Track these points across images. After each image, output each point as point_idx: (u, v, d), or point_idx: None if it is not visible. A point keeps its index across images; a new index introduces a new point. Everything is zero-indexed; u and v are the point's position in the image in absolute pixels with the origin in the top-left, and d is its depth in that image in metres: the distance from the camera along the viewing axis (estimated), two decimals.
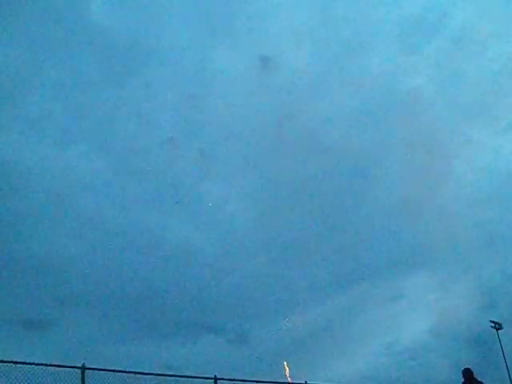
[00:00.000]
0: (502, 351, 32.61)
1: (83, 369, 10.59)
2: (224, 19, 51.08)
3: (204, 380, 12.62)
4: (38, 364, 10.03)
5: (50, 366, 10.19)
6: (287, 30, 51.07)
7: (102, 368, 10.96)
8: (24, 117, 47.06)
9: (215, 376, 12.65)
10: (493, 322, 33.41)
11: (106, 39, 48.19)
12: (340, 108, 51.02)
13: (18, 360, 9.85)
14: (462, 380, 11.88)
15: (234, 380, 13.36)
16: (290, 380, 14.69)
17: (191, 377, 12.38)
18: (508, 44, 52.23)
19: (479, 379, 11.81)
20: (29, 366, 9.94)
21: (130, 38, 48.82)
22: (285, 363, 15.17)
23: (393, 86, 51.54)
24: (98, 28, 47.67)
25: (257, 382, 14.04)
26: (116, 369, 11.08)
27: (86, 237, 47.10)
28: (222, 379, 12.82)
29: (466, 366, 11.97)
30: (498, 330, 33.19)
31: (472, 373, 11.78)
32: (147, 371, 11.78)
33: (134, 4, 50.14)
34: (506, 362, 32.06)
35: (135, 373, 11.42)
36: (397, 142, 52.50)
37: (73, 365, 10.63)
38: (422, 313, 47.78)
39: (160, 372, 12.07)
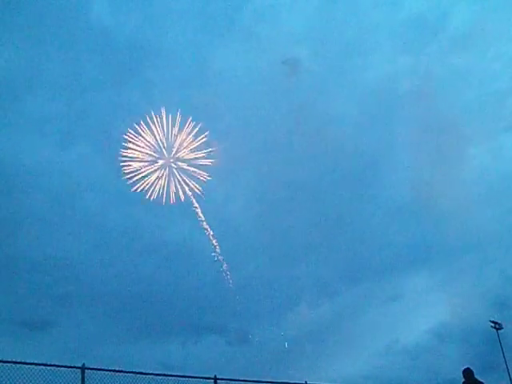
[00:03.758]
0: (502, 351, 32.58)
1: (83, 369, 10.60)
2: (223, 18, 51.15)
3: (204, 380, 12.63)
4: (38, 364, 10.04)
5: (50, 365, 10.20)
6: (288, 30, 51.10)
7: (102, 368, 10.97)
8: (25, 117, 47.17)
9: (215, 376, 12.65)
10: (493, 321, 33.38)
11: (106, 40, 48.30)
12: (341, 108, 51.08)
13: (18, 360, 9.87)
14: (463, 380, 11.91)
15: (234, 380, 13.36)
16: None
17: (191, 377, 12.38)
18: (508, 44, 52.33)
19: (479, 379, 11.84)
20: (29, 365, 9.95)
21: (130, 38, 48.92)
22: None
23: (393, 86, 51.59)
24: (98, 28, 47.77)
25: (257, 381, 14.03)
26: (116, 369, 11.10)
27: (86, 237, 47.19)
28: (222, 379, 12.82)
29: (466, 366, 12.00)
30: (498, 330, 33.15)
31: (472, 372, 11.80)
32: (147, 371, 11.80)
33: (134, 4, 50.22)
34: (505, 362, 32.04)
35: (135, 373, 11.43)
36: (399, 144, 52.64)
37: (73, 365, 10.64)
38: (422, 313, 47.86)
39: (160, 372, 12.08)
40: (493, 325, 33.24)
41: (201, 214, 37.78)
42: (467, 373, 11.79)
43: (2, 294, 38.70)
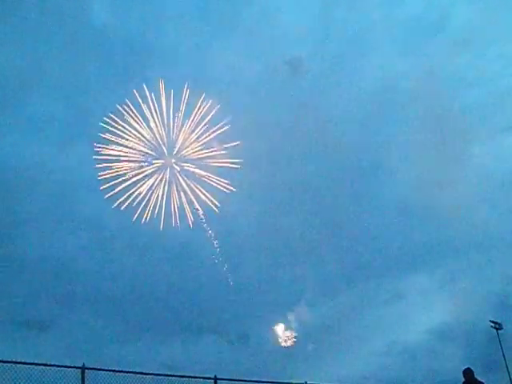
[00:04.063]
0: (502, 351, 32.57)
1: (83, 369, 10.61)
2: (225, 18, 51.08)
3: (204, 380, 12.64)
4: (38, 364, 10.05)
5: (50, 365, 10.20)
6: (289, 30, 51.05)
7: (102, 368, 10.98)
8: (25, 117, 47.14)
9: (215, 376, 12.65)
10: (493, 322, 33.37)
11: (106, 39, 48.25)
12: (341, 108, 51.04)
13: (18, 360, 9.87)
14: (463, 380, 11.92)
15: (234, 380, 13.37)
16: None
17: (191, 377, 12.39)
18: (508, 44, 52.24)
19: (479, 379, 11.85)
20: (29, 365, 9.95)
21: (130, 38, 48.87)
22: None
23: (393, 86, 51.53)
24: (98, 28, 47.75)
25: (257, 382, 14.04)
26: (116, 369, 11.11)
27: (86, 237, 47.16)
28: (222, 379, 12.83)
29: (467, 366, 12.01)
30: (498, 330, 33.14)
31: (472, 373, 11.82)
32: (147, 371, 11.81)
33: (134, 4, 50.17)
34: (505, 362, 32.04)
35: (135, 373, 11.44)
36: (399, 144, 52.54)
37: (73, 365, 10.65)
38: (422, 313, 47.84)
39: (160, 372, 12.09)
40: (493, 325, 33.24)
41: (201, 215, 36.53)
42: (467, 373, 11.80)
43: (1, 294, 38.71)
